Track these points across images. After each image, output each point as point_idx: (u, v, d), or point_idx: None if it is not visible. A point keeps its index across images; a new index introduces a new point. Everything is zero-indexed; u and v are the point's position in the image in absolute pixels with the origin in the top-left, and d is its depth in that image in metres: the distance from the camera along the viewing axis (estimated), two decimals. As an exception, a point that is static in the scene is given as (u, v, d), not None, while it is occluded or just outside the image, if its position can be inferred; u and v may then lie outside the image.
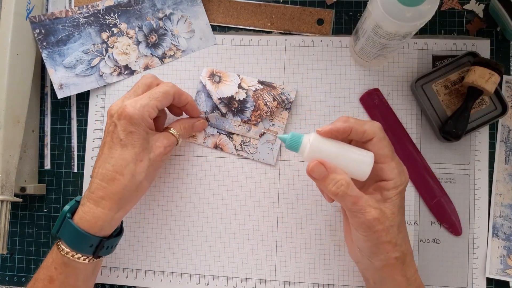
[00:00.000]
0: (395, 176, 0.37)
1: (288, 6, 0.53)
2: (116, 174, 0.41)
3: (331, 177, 0.37)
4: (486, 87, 0.45)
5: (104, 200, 0.41)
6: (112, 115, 0.42)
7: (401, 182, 0.38)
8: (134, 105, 0.42)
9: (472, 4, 0.52)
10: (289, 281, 0.50)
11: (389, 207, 0.37)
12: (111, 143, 0.42)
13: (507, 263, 0.48)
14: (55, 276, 0.41)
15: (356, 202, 0.36)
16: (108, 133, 0.42)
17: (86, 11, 0.54)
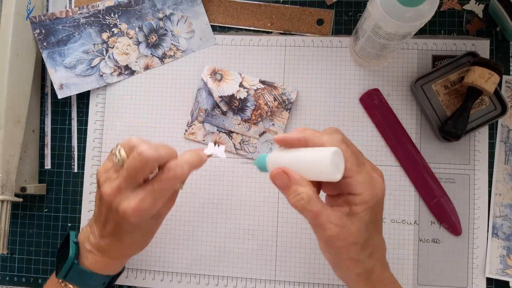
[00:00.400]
0: (363, 191, 0.33)
1: (288, 6, 0.53)
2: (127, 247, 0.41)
3: (293, 189, 0.34)
4: (485, 87, 0.45)
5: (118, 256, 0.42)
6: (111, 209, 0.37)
7: (371, 197, 0.33)
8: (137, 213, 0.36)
9: (472, 4, 0.52)
10: (289, 281, 0.50)
11: (355, 223, 0.34)
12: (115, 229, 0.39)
13: (507, 263, 0.48)
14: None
15: (316, 217, 0.34)
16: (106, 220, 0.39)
17: (86, 11, 0.54)
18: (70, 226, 0.54)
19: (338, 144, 0.33)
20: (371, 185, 0.34)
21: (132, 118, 0.54)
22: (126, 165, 0.36)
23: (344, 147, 0.33)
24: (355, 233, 0.34)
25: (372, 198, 0.34)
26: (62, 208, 0.54)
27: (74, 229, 0.54)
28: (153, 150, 0.35)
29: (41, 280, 0.54)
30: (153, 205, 0.37)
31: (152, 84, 0.54)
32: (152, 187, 0.36)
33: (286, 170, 0.34)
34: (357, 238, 0.34)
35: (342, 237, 0.34)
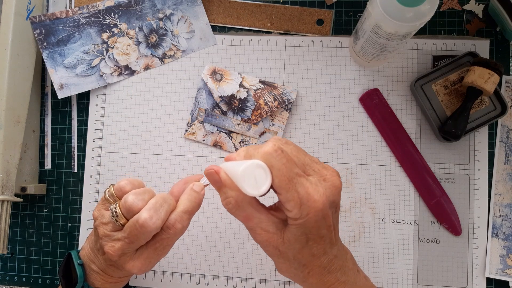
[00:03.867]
0: (292, 209, 0.32)
1: (288, 6, 0.53)
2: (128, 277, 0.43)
3: (223, 191, 0.34)
4: (485, 87, 0.45)
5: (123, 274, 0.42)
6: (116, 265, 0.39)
7: (300, 216, 0.31)
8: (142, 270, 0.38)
9: (472, 4, 0.52)
10: (289, 281, 0.50)
11: (287, 233, 0.33)
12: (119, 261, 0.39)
13: (507, 263, 0.48)
14: None
15: (246, 221, 0.34)
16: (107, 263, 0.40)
17: (86, 12, 0.54)
18: (70, 227, 0.54)
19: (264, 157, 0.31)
20: (301, 203, 0.31)
21: (132, 118, 0.54)
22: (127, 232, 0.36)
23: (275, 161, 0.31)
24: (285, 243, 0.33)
25: (302, 217, 0.32)
26: (62, 208, 0.54)
27: (74, 230, 0.54)
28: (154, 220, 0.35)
29: (41, 280, 0.54)
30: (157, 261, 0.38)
31: (152, 84, 0.54)
32: (154, 246, 0.37)
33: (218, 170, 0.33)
34: (287, 248, 0.33)
35: (271, 244, 0.34)
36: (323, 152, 0.51)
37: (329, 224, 0.33)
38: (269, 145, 0.31)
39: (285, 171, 0.31)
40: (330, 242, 0.34)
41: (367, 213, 0.50)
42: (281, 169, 0.31)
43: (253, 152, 0.32)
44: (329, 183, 0.33)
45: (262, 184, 0.31)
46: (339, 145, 0.51)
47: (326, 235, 0.34)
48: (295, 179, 0.31)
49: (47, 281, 0.54)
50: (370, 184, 0.50)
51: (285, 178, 0.31)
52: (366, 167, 0.51)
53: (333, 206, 0.33)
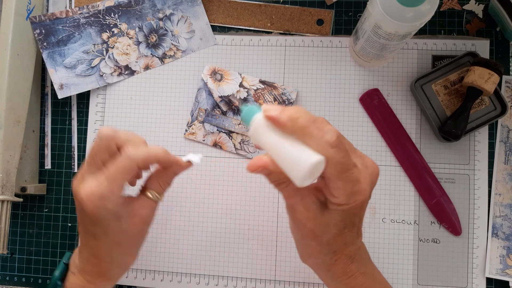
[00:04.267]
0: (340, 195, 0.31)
1: (288, 6, 0.53)
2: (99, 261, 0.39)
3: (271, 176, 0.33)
4: (485, 87, 0.45)
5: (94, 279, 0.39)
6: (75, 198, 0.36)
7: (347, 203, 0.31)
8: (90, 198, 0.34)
9: (472, 4, 0.52)
10: (289, 281, 0.50)
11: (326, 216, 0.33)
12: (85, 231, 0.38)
13: (507, 263, 0.48)
14: None
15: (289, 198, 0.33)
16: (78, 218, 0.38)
17: (86, 12, 0.54)
18: (70, 227, 0.54)
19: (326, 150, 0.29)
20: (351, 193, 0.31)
21: (132, 118, 0.54)
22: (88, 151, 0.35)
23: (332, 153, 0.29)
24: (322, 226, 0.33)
25: (347, 204, 0.32)
26: (62, 208, 0.54)
27: (74, 229, 0.54)
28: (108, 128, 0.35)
29: (41, 280, 0.54)
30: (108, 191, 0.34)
31: (152, 84, 0.54)
32: (107, 170, 0.34)
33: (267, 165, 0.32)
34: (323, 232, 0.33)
35: (308, 224, 0.33)
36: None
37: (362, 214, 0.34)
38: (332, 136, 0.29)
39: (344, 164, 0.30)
40: (358, 232, 0.35)
41: (367, 213, 0.50)
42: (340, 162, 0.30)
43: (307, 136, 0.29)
44: (371, 169, 0.33)
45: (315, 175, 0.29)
46: (339, 145, 0.51)
47: (358, 224, 0.34)
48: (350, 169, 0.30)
49: (47, 281, 0.54)
50: (370, 184, 0.50)
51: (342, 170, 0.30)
52: (366, 167, 0.51)
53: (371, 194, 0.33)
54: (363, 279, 0.36)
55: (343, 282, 0.36)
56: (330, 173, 0.30)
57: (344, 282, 0.36)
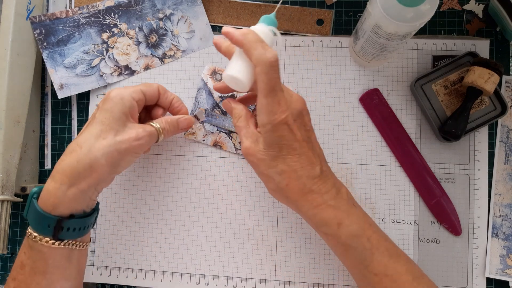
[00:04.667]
0: (261, 114, 0.38)
1: (288, 6, 0.53)
2: (76, 146, 0.40)
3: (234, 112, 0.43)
4: (485, 87, 0.45)
5: (58, 173, 0.39)
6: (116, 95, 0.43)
7: (268, 121, 0.38)
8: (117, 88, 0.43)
9: (472, 4, 0.52)
10: (289, 281, 0.50)
11: (261, 141, 0.39)
12: (90, 121, 0.42)
13: (507, 263, 0.48)
14: (25, 261, 0.40)
15: (239, 132, 0.42)
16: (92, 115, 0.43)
17: (86, 12, 0.54)
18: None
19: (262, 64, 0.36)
20: (271, 111, 0.37)
21: (132, 118, 0.54)
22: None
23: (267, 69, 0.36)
24: (261, 150, 0.39)
25: (268, 123, 0.38)
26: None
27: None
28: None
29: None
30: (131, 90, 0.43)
31: (152, 84, 0.54)
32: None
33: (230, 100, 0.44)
34: (263, 155, 0.39)
35: (251, 152, 0.40)
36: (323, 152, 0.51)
37: (298, 139, 0.39)
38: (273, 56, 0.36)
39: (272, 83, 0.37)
40: (309, 160, 0.39)
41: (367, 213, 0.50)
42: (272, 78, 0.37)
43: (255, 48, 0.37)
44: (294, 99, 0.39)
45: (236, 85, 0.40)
46: (339, 145, 0.51)
47: (299, 149, 0.39)
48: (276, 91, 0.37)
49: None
50: (370, 184, 0.50)
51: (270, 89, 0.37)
52: (366, 167, 0.51)
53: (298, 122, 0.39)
54: (334, 211, 0.39)
55: (310, 212, 0.40)
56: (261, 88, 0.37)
57: (311, 212, 0.39)
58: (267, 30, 0.40)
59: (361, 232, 0.39)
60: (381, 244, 0.39)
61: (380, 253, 0.39)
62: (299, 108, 0.39)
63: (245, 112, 0.42)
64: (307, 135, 0.40)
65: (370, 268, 0.39)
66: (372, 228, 0.40)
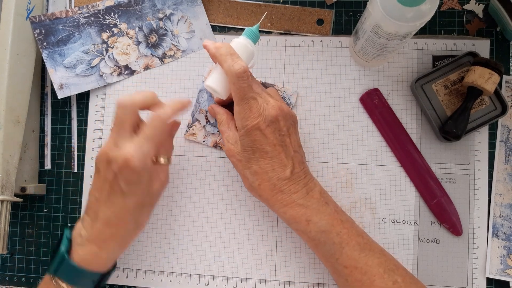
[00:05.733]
0: (237, 120, 0.43)
1: (288, 6, 0.53)
2: (119, 221, 0.41)
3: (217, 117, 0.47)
4: (485, 87, 0.45)
5: (108, 243, 0.42)
6: (110, 162, 0.40)
7: (242, 126, 0.42)
8: (136, 155, 0.39)
9: (472, 4, 0.52)
10: (289, 281, 0.50)
11: (239, 144, 0.44)
12: (111, 191, 0.41)
13: (507, 263, 0.48)
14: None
15: (222, 135, 0.46)
16: (105, 181, 0.41)
17: (86, 11, 0.54)
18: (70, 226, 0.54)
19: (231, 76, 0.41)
20: (244, 117, 0.42)
21: (132, 118, 0.54)
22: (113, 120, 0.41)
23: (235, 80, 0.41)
24: (239, 152, 0.44)
25: (242, 128, 0.42)
26: (62, 208, 0.54)
27: (74, 229, 0.54)
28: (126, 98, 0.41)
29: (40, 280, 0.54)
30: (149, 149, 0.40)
31: (152, 84, 0.54)
32: (143, 132, 0.41)
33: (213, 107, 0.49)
34: (240, 156, 0.44)
35: (231, 153, 0.45)
36: (323, 152, 0.51)
37: (271, 143, 0.42)
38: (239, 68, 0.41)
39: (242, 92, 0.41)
40: (280, 163, 0.42)
41: (367, 213, 0.50)
42: (241, 88, 0.41)
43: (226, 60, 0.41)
44: (270, 105, 0.42)
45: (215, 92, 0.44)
46: (339, 145, 0.51)
47: (271, 152, 0.42)
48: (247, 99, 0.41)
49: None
50: (370, 184, 0.50)
51: (241, 97, 0.41)
52: (366, 167, 0.51)
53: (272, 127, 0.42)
54: (303, 209, 0.42)
55: (281, 210, 0.43)
56: (234, 97, 0.42)
57: (282, 210, 0.43)
58: (245, 42, 0.44)
59: (330, 228, 0.41)
60: (352, 239, 0.41)
61: (350, 247, 0.41)
62: (274, 114, 0.42)
63: (226, 116, 0.47)
64: (281, 139, 0.42)
65: (340, 261, 0.41)
66: (344, 224, 0.42)
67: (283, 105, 0.43)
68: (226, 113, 0.47)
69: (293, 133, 0.44)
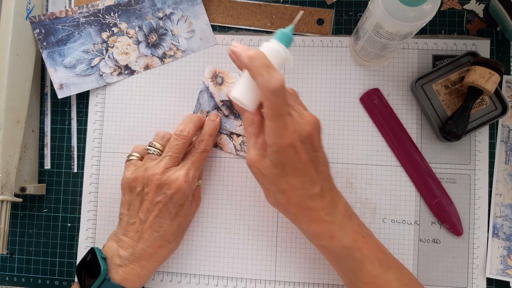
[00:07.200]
0: (269, 135, 0.38)
1: (288, 6, 0.53)
2: (164, 242, 0.45)
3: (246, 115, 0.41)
4: (486, 87, 0.45)
5: (150, 263, 0.45)
6: (161, 186, 0.44)
7: (273, 143, 0.38)
8: (187, 180, 0.44)
9: (472, 4, 0.52)
10: (289, 281, 0.50)
11: (266, 158, 0.39)
12: (160, 213, 0.44)
13: (507, 263, 0.48)
14: None
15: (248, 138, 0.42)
16: (153, 204, 0.44)
17: (86, 11, 0.54)
18: (70, 227, 0.54)
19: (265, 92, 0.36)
20: (277, 133, 0.38)
21: (132, 118, 0.54)
22: (168, 147, 0.46)
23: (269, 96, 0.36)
24: (266, 166, 0.39)
25: (274, 144, 0.38)
26: (62, 208, 0.54)
27: (74, 230, 0.54)
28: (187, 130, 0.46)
29: (40, 280, 0.54)
30: (196, 173, 0.46)
31: (152, 84, 0.54)
32: (192, 159, 0.46)
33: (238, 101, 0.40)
34: (267, 172, 0.40)
35: (255, 164, 0.40)
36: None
37: (303, 160, 0.39)
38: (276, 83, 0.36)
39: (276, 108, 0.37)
40: (310, 179, 0.39)
41: (368, 213, 0.50)
42: (275, 104, 0.37)
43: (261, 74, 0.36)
44: (305, 121, 0.39)
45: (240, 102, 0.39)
46: (339, 145, 0.51)
47: (303, 169, 0.39)
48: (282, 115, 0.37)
49: (47, 281, 0.54)
50: (371, 184, 0.50)
51: (275, 113, 0.37)
52: (366, 167, 0.51)
53: (306, 143, 0.38)
54: (327, 225, 0.41)
55: (305, 225, 0.41)
56: (266, 112, 0.38)
57: (306, 226, 0.41)
58: (278, 48, 0.38)
59: (353, 244, 0.40)
60: (373, 255, 0.41)
61: (370, 263, 0.41)
62: (309, 130, 0.39)
63: (259, 118, 0.41)
64: (314, 155, 0.40)
65: (360, 277, 0.41)
66: (365, 239, 0.41)
67: (316, 117, 0.40)
68: (260, 114, 0.42)
69: (322, 145, 0.41)
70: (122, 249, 0.44)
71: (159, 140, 0.47)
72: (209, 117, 0.49)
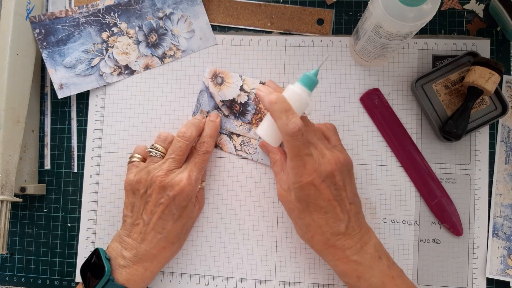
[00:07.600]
0: (291, 174, 0.41)
1: (288, 6, 0.53)
2: (167, 243, 0.45)
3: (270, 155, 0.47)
4: (486, 87, 0.45)
5: (153, 264, 0.45)
6: (165, 188, 0.44)
7: (295, 181, 0.40)
8: (190, 182, 0.45)
9: (472, 4, 0.52)
10: (289, 281, 0.50)
11: (292, 193, 0.42)
12: (163, 215, 0.44)
13: (507, 263, 0.48)
14: None
15: (275, 176, 0.46)
16: (157, 206, 0.44)
17: (86, 11, 0.54)
18: (70, 227, 0.54)
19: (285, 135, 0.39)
20: (296, 173, 0.40)
21: (132, 118, 0.54)
22: (171, 150, 0.46)
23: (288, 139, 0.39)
24: (291, 201, 0.42)
25: (296, 182, 0.40)
26: (62, 208, 0.54)
27: (74, 230, 0.54)
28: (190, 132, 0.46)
29: (40, 280, 0.54)
30: (199, 175, 0.46)
31: (152, 84, 0.54)
32: (194, 162, 0.46)
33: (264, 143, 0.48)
34: (293, 205, 0.42)
35: (283, 199, 0.43)
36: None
37: (326, 198, 0.40)
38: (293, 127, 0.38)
39: (296, 150, 0.39)
40: (335, 217, 0.40)
41: (368, 213, 0.50)
42: (293, 147, 0.39)
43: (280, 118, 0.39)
44: (326, 160, 0.40)
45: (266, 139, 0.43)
46: (339, 145, 0.51)
47: (326, 207, 0.40)
48: (301, 156, 0.39)
49: (47, 281, 0.54)
50: (371, 184, 0.50)
51: (295, 154, 0.39)
52: (366, 167, 0.51)
53: (328, 182, 0.40)
54: (355, 265, 0.41)
55: (332, 263, 0.42)
56: (287, 152, 0.40)
57: (333, 263, 0.42)
58: (300, 91, 0.40)
59: (381, 286, 0.40)
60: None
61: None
62: (329, 170, 0.40)
63: (280, 157, 0.46)
64: (337, 194, 0.41)
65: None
66: (394, 281, 0.41)
67: (339, 157, 0.41)
68: (280, 152, 0.46)
69: (349, 184, 0.42)
70: (126, 250, 0.44)
71: (161, 142, 0.48)
72: (210, 118, 0.50)
